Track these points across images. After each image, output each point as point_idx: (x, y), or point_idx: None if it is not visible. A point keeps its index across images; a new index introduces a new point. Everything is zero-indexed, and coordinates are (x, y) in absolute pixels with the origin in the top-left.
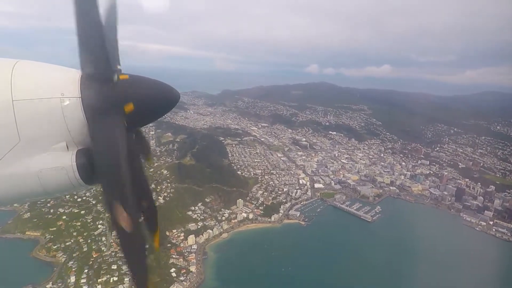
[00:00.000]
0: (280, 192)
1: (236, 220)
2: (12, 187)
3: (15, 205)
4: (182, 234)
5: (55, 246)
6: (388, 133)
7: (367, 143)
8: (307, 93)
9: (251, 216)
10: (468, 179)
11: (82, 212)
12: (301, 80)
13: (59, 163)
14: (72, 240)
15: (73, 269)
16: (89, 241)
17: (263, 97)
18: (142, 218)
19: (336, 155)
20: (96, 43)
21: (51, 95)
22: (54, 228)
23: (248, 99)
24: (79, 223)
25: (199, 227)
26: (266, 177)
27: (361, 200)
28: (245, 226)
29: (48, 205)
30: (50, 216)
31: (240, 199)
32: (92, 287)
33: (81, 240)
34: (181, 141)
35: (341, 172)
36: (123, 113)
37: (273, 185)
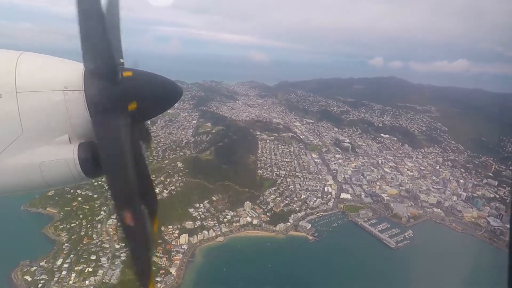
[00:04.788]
0: (296, 198)
1: (237, 224)
2: (14, 178)
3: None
4: (177, 232)
5: (62, 226)
6: (453, 142)
7: (422, 151)
8: (369, 89)
9: (255, 221)
10: None
11: (95, 196)
12: (368, 73)
13: (61, 156)
14: (77, 222)
15: (64, 252)
16: (88, 226)
17: (319, 90)
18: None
19: (380, 162)
20: (99, 38)
21: (54, 88)
22: (68, 208)
23: (302, 92)
24: (88, 206)
25: (196, 226)
26: (288, 179)
27: (391, 220)
28: (246, 232)
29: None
30: (69, 196)
31: (248, 202)
32: (69, 274)
33: (83, 224)
34: (215, 133)
35: (378, 183)
36: (127, 111)
37: (292, 189)
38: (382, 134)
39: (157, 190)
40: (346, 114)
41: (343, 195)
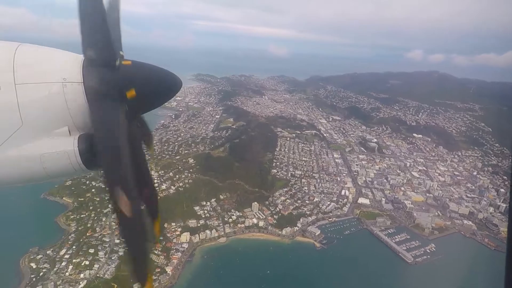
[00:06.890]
0: (308, 201)
1: (242, 225)
2: (15, 170)
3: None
4: (179, 229)
5: (73, 216)
6: (497, 145)
7: (459, 154)
8: (407, 84)
9: (261, 223)
10: None
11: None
12: (408, 67)
13: (61, 148)
14: (86, 214)
15: (69, 242)
16: (95, 218)
17: (351, 85)
18: (143, 205)
19: (408, 165)
20: (99, 27)
21: (53, 80)
22: (82, 199)
23: (332, 87)
24: (98, 198)
25: (199, 225)
26: (303, 180)
27: (411, 230)
28: (250, 234)
29: (87, 176)
30: (84, 187)
31: (256, 202)
32: (67, 265)
33: (92, 215)
34: (235, 128)
35: (402, 189)
36: (125, 99)
37: (306, 191)
38: (414, 134)
39: (164, 186)
40: (377, 111)
41: (361, 200)
